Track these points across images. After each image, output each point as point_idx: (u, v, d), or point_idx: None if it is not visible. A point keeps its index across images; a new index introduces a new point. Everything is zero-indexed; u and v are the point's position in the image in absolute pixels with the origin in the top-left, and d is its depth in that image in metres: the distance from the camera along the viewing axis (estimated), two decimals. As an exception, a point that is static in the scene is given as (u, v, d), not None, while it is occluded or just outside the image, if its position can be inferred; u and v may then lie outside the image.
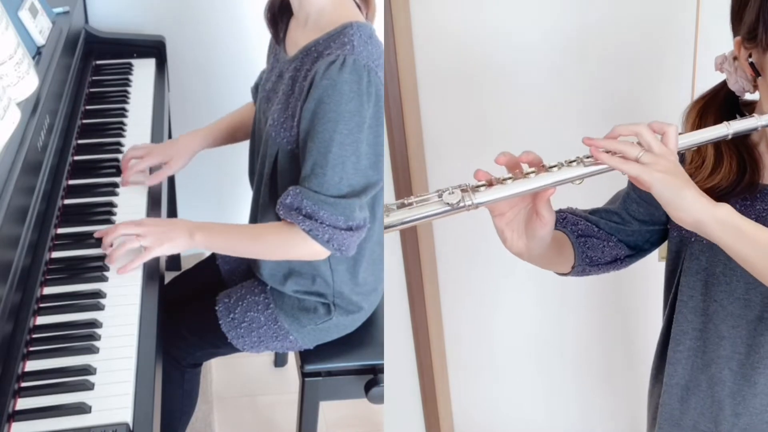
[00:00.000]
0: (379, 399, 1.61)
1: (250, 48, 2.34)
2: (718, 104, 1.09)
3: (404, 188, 1.86)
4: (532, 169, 0.94)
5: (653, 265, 1.83)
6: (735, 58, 1.06)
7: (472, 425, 2.24)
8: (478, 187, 0.92)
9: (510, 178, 0.93)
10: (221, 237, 1.45)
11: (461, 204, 0.90)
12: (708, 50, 1.67)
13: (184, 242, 1.42)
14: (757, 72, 1.02)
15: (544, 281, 1.99)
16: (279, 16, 1.52)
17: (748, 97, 1.10)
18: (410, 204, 0.91)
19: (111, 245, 1.41)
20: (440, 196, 0.91)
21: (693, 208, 0.90)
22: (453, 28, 1.76)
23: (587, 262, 1.17)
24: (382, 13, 1.71)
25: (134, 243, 1.39)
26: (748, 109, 1.09)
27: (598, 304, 2.02)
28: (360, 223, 1.39)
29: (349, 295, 1.57)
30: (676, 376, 1.18)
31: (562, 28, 1.73)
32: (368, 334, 1.66)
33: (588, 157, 0.94)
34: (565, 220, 1.17)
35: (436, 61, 1.79)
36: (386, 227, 0.91)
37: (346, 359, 1.61)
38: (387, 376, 1.62)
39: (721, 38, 1.65)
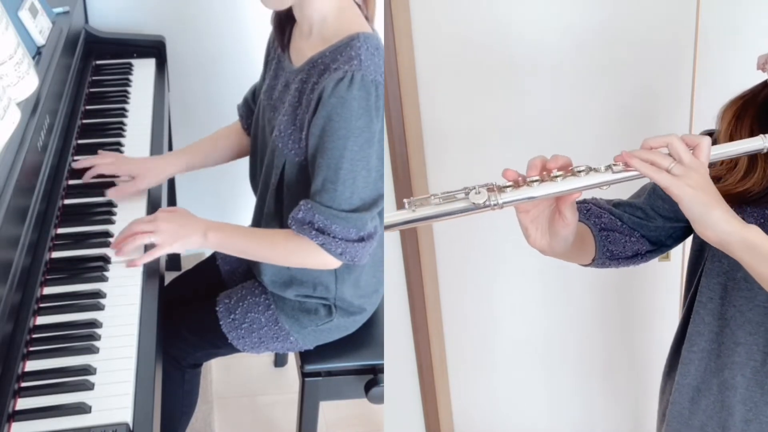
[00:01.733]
0: (379, 399, 1.61)
1: (250, 48, 2.33)
2: (757, 105, 1.06)
3: (404, 188, 1.86)
4: (560, 172, 0.93)
5: (658, 267, 1.83)
6: None
7: (472, 425, 2.24)
8: (505, 187, 0.93)
9: (536, 180, 0.93)
10: (235, 239, 1.45)
11: (487, 204, 0.91)
12: (708, 50, 1.68)
13: (197, 241, 1.42)
14: None
15: (545, 282, 1.99)
16: (286, 23, 1.51)
17: None
18: (436, 200, 0.91)
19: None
20: (467, 194, 0.91)
21: (721, 228, 0.89)
22: (453, 27, 1.75)
23: (608, 256, 1.15)
24: (382, 13, 1.71)
25: (145, 239, 1.40)
26: None
27: (599, 304, 2.02)
28: (371, 232, 1.39)
29: (351, 298, 1.57)
30: (688, 377, 1.18)
31: (563, 28, 1.73)
32: (368, 334, 1.66)
33: (617, 165, 0.93)
34: (589, 212, 1.16)
35: (436, 61, 1.79)
36: (412, 221, 0.91)
37: (346, 359, 1.61)
38: (387, 376, 1.62)
39: (721, 38, 1.65)
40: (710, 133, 1.06)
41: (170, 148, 2.23)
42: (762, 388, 1.10)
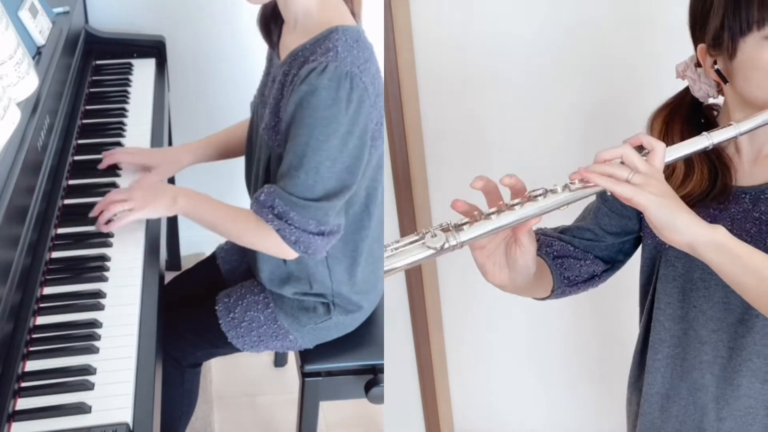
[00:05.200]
0: (379, 399, 1.61)
1: (250, 48, 2.34)
2: (684, 111, 1.09)
3: (404, 188, 1.86)
4: (517, 200, 0.91)
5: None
6: (697, 65, 1.06)
7: (472, 425, 2.24)
8: (462, 225, 0.89)
9: (494, 212, 0.90)
10: (202, 208, 1.47)
11: (446, 246, 0.87)
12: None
13: (166, 204, 1.45)
14: (723, 79, 1.01)
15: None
16: (272, 22, 1.53)
17: (710, 100, 1.10)
18: (389, 251, 0.88)
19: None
20: (422, 238, 0.88)
21: (689, 231, 0.89)
22: (453, 28, 1.76)
23: (566, 283, 1.16)
24: (382, 13, 1.71)
25: (119, 207, 1.44)
26: (711, 112, 1.10)
27: (598, 304, 2.02)
28: (333, 229, 1.40)
29: (348, 294, 1.57)
30: (655, 385, 1.18)
31: (563, 29, 1.73)
32: (368, 334, 1.66)
33: (573, 183, 0.92)
34: (539, 242, 1.15)
35: (436, 61, 1.79)
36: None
37: (346, 359, 1.61)
38: (387, 376, 1.62)
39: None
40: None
41: (170, 148, 2.24)
42: (731, 384, 1.10)
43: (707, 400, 1.13)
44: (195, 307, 1.63)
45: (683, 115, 1.08)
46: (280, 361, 2.33)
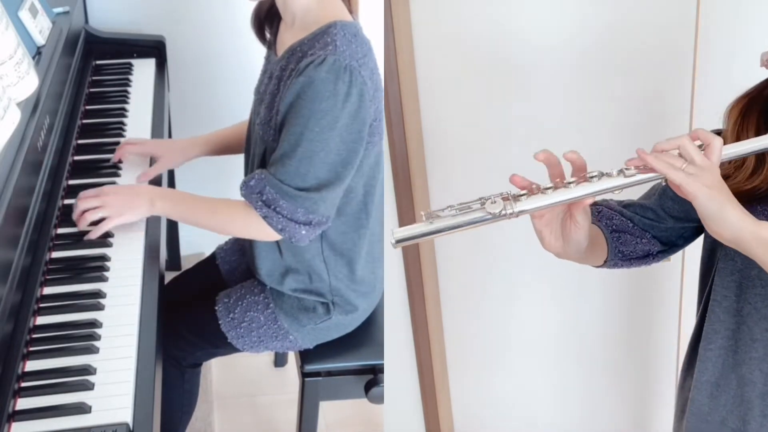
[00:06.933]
0: (379, 399, 1.61)
1: (250, 48, 2.32)
2: (763, 102, 1.07)
3: (404, 188, 1.86)
4: (573, 178, 0.95)
5: (665, 267, 1.83)
6: None
7: (472, 425, 2.24)
8: (519, 196, 0.95)
9: (550, 187, 0.95)
10: (180, 206, 1.48)
11: (503, 213, 0.93)
12: (708, 52, 1.68)
13: (145, 210, 1.46)
14: None
15: (545, 281, 1.99)
16: (266, 22, 1.54)
17: None
18: (452, 212, 0.93)
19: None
20: (483, 204, 0.93)
21: (735, 225, 0.91)
22: (453, 28, 1.75)
23: (619, 257, 1.17)
24: (382, 13, 1.71)
25: (95, 215, 1.43)
26: None
27: (601, 303, 2.02)
28: (321, 219, 1.40)
29: (347, 293, 1.57)
30: (706, 373, 1.19)
31: (563, 29, 1.73)
32: (368, 334, 1.66)
33: (629, 168, 0.95)
34: (600, 213, 1.18)
35: (436, 61, 1.79)
36: (429, 234, 0.92)
37: (346, 359, 1.61)
38: (387, 376, 1.62)
39: (722, 40, 1.65)
40: (718, 133, 1.06)
41: (170, 148, 2.24)
42: None
43: (754, 396, 1.14)
44: (195, 307, 1.63)
45: (761, 107, 1.07)
46: (280, 361, 2.33)
